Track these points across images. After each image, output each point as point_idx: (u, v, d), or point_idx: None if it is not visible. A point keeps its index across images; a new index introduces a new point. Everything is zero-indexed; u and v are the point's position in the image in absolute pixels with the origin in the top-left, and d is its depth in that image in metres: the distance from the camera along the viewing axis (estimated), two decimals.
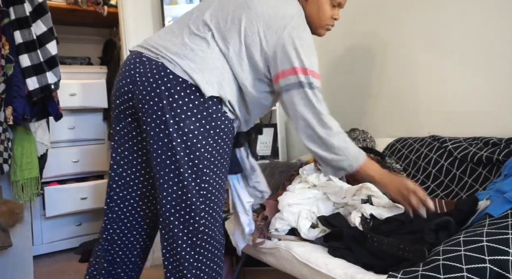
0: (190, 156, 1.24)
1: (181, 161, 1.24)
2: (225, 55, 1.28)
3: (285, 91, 1.30)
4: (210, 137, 1.26)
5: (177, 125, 1.22)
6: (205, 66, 1.25)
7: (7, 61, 2.05)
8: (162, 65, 1.24)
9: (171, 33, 1.33)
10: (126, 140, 1.38)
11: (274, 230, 1.64)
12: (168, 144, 1.23)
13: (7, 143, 2.08)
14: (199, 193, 1.26)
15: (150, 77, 1.24)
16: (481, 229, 1.11)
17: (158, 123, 1.23)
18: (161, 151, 1.24)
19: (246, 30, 1.27)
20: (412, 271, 1.08)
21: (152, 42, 1.31)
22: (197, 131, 1.24)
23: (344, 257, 1.35)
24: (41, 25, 2.14)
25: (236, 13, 1.29)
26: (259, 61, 1.29)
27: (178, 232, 1.27)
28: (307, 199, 1.65)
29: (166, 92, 1.22)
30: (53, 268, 2.65)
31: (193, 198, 1.26)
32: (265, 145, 2.74)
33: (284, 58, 1.27)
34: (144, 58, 1.27)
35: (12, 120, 2.04)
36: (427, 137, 1.96)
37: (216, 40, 1.28)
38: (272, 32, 1.27)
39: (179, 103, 1.22)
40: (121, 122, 1.36)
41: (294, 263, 1.45)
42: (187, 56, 1.25)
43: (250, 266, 2.33)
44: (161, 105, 1.22)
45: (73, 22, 3.00)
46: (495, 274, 0.98)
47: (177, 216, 1.26)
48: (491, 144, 1.65)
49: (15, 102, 2.04)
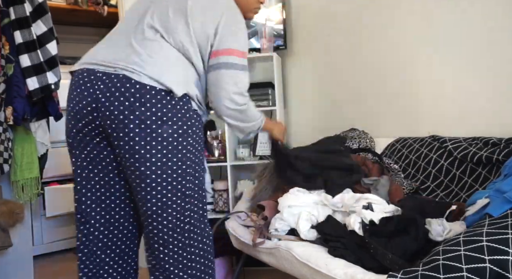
0: (173, 160, 1.23)
1: (164, 167, 1.22)
2: (180, 50, 1.29)
3: (215, 69, 1.33)
4: (190, 137, 1.27)
5: (155, 133, 1.21)
6: (167, 67, 1.25)
7: (7, 61, 2.05)
8: (124, 77, 1.21)
9: (115, 46, 1.30)
10: (97, 162, 1.33)
11: (274, 230, 1.64)
12: (151, 151, 1.21)
13: (7, 143, 2.08)
14: (186, 193, 1.26)
15: (115, 92, 1.20)
16: (481, 229, 1.11)
17: (134, 135, 1.20)
18: (144, 160, 1.21)
19: (191, 20, 1.29)
20: (412, 271, 1.08)
21: (100, 57, 1.28)
22: (176, 134, 1.24)
23: (344, 257, 1.35)
24: (41, 25, 2.15)
25: (175, 7, 1.31)
26: (205, 47, 1.32)
27: (165, 235, 1.26)
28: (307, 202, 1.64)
29: (136, 103, 1.19)
30: (53, 268, 2.65)
31: (177, 201, 1.25)
32: (265, 145, 2.74)
33: (223, 39, 1.31)
34: (100, 74, 1.23)
35: (12, 120, 2.04)
36: (427, 137, 1.96)
37: (167, 39, 1.28)
38: (211, 18, 1.31)
39: (152, 111, 1.20)
40: (88, 145, 1.31)
41: (294, 263, 1.45)
42: (147, 62, 1.23)
43: (250, 266, 2.33)
44: (132, 117, 1.19)
45: (73, 22, 3.00)
46: (495, 274, 0.98)
47: (165, 221, 1.25)
48: (491, 144, 1.65)
49: (15, 102, 2.04)
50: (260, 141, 2.78)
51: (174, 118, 1.23)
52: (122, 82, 1.21)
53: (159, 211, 1.25)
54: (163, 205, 1.25)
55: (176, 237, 1.27)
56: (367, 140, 2.19)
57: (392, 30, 2.25)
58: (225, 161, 2.62)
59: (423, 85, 2.11)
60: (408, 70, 2.18)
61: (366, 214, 1.44)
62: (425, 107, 2.10)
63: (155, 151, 1.21)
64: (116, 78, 1.22)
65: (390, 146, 2.13)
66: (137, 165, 1.22)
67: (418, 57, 2.12)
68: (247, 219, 1.90)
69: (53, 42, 2.18)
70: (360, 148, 2.12)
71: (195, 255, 1.30)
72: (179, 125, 1.24)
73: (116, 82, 1.21)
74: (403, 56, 2.20)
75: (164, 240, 1.26)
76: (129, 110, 1.20)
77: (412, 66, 2.16)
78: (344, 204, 1.56)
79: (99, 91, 1.22)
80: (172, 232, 1.26)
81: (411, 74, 2.17)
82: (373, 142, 2.21)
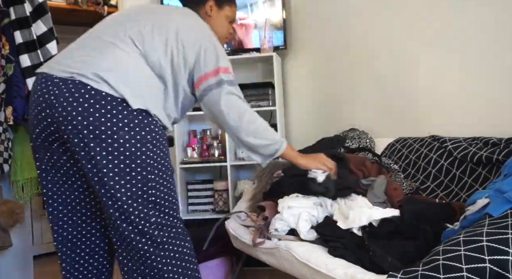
0: (132, 165, 1.22)
1: (122, 173, 1.21)
2: (154, 68, 1.32)
3: (208, 91, 1.37)
4: (148, 143, 1.25)
5: (111, 139, 1.20)
6: (131, 79, 1.26)
7: (7, 61, 2.05)
8: (81, 83, 1.21)
9: (83, 49, 1.30)
10: (59, 167, 1.33)
11: (274, 230, 1.64)
12: (108, 156, 1.20)
13: (7, 143, 2.08)
14: (147, 199, 1.24)
15: (68, 97, 1.20)
16: (481, 228, 1.11)
17: (89, 140, 1.19)
18: (101, 166, 1.20)
19: (169, 40, 1.33)
20: (412, 271, 1.08)
21: (63, 61, 1.28)
22: (133, 139, 1.22)
23: (344, 257, 1.35)
24: (41, 25, 2.15)
25: (158, 24, 1.34)
26: (183, 66, 1.36)
27: (133, 244, 1.24)
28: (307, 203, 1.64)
29: (90, 109, 1.19)
30: (53, 268, 2.64)
31: (140, 206, 1.23)
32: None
33: (207, 61, 1.37)
34: (57, 79, 1.22)
35: (12, 120, 2.04)
36: (427, 137, 1.96)
37: (141, 51, 1.30)
38: (192, 40, 1.36)
39: (107, 117, 1.20)
40: (48, 151, 1.31)
41: (294, 263, 1.45)
42: (112, 70, 1.24)
43: (250, 266, 2.33)
44: (86, 123, 1.19)
45: (73, 22, 3.00)
46: (495, 274, 0.98)
47: (129, 228, 1.22)
48: (491, 144, 1.65)
49: (15, 102, 2.04)
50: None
51: (131, 124, 1.22)
52: (78, 88, 1.20)
53: (122, 216, 1.23)
54: (124, 211, 1.22)
55: (145, 242, 1.23)
56: (367, 140, 2.19)
57: (393, 30, 2.25)
58: (225, 161, 2.63)
59: (423, 86, 2.11)
60: (408, 70, 2.18)
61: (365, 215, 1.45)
62: (425, 107, 2.10)
63: (111, 157, 1.20)
64: (72, 84, 1.21)
65: (390, 146, 2.13)
66: (94, 171, 1.21)
67: (418, 57, 2.12)
68: (247, 219, 1.90)
69: (53, 42, 2.19)
70: (360, 147, 2.12)
71: (167, 260, 1.26)
72: (136, 131, 1.23)
73: (71, 88, 1.20)
74: (403, 56, 2.20)
75: (133, 247, 1.24)
76: (82, 116, 1.19)
77: (412, 66, 2.16)
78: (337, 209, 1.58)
79: (54, 97, 1.21)
80: (140, 238, 1.23)
81: (411, 74, 2.17)
82: (373, 142, 2.21)
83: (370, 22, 2.38)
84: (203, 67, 1.36)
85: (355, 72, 2.49)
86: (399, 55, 2.23)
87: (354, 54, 2.49)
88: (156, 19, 1.37)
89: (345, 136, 2.26)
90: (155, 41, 1.31)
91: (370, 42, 2.38)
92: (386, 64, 2.30)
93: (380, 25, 2.32)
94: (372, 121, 2.38)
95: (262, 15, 2.71)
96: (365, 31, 2.41)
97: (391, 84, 2.28)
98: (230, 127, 1.43)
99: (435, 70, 2.04)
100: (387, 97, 2.31)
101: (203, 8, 1.55)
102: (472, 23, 1.87)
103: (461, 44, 1.92)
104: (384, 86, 2.32)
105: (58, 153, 1.32)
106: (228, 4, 1.59)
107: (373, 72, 2.38)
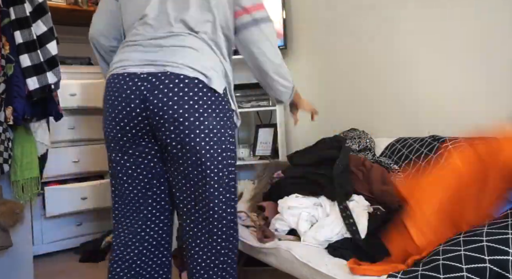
0: (219, 150, 1.29)
1: (215, 155, 1.29)
2: (208, 40, 1.33)
3: (252, 25, 1.38)
4: (229, 129, 1.32)
5: (203, 125, 1.25)
6: (204, 60, 1.29)
7: (7, 61, 2.05)
8: (172, 73, 1.24)
9: (145, 47, 1.31)
10: (140, 161, 1.36)
11: (274, 230, 1.64)
12: (206, 146, 1.26)
13: (7, 143, 2.08)
14: (230, 183, 1.34)
15: (163, 89, 1.23)
16: (481, 228, 1.11)
17: (184, 128, 1.24)
18: (199, 148, 1.26)
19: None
20: (412, 271, 1.08)
21: (137, 58, 1.30)
22: (219, 125, 1.28)
23: (344, 257, 1.35)
24: (41, 25, 2.14)
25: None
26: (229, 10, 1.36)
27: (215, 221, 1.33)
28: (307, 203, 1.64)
29: (185, 97, 1.24)
30: (53, 268, 2.64)
31: (228, 186, 1.34)
32: (265, 145, 2.75)
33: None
34: (144, 75, 1.25)
35: (12, 120, 2.04)
36: (427, 137, 1.96)
37: (198, 33, 1.31)
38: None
39: (199, 103, 1.25)
40: (132, 147, 1.34)
41: (294, 263, 1.45)
42: (186, 56, 1.26)
43: (250, 266, 2.33)
44: (182, 111, 1.23)
45: (73, 22, 3.00)
46: (495, 274, 0.98)
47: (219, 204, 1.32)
48: None
49: (15, 102, 2.04)
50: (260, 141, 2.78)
51: (217, 110, 1.28)
52: (170, 79, 1.23)
53: (215, 193, 1.30)
54: (215, 190, 1.30)
55: (225, 223, 1.32)
56: (367, 140, 2.19)
57: (392, 30, 2.25)
58: None
59: (423, 85, 2.11)
60: (408, 70, 2.18)
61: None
62: (425, 107, 2.10)
63: (206, 141, 1.27)
64: (163, 75, 1.23)
65: (390, 146, 2.13)
66: (189, 155, 1.26)
67: (418, 57, 2.12)
68: (247, 219, 1.90)
69: (53, 42, 2.18)
70: (360, 149, 2.12)
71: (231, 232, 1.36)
72: (221, 117, 1.29)
73: (164, 79, 1.23)
74: (404, 56, 2.20)
75: (213, 226, 1.32)
76: (178, 104, 1.23)
77: (412, 66, 2.16)
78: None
79: (146, 91, 1.24)
80: (222, 218, 1.32)
81: (411, 74, 2.17)
82: (373, 142, 2.21)
83: (370, 22, 2.37)
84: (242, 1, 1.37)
85: (355, 72, 2.49)
86: (399, 55, 2.23)
87: (354, 54, 2.49)
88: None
89: (345, 136, 2.26)
90: (204, 14, 1.32)
91: (370, 42, 2.38)
92: (386, 64, 2.30)
93: (380, 25, 2.31)
94: (372, 121, 2.38)
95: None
96: (365, 31, 2.41)
97: (391, 84, 2.28)
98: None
99: (435, 70, 2.04)
100: (387, 97, 2.31)
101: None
102: (473, 24, 1.87)
103: (461, 44, 1.92)
104: (384, 86, 2.32)
105: (148, 148, 1.35)
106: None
107: (373, 72, 2.38)
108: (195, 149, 1.26)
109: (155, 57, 1.27)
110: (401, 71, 2.22)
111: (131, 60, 1.30)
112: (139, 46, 1.31)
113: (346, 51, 2.54)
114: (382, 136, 2.26)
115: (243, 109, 2.63)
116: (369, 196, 1.66)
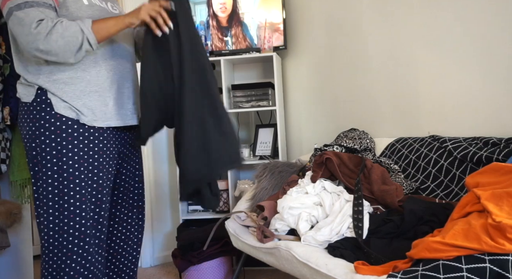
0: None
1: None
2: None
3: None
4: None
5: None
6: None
7: (3, 61, 2.04)
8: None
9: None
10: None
11: (273, 230, 1.63)
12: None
13: (5, 143, 2.08)
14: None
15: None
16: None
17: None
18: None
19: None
20: (412, 271, 1.07)
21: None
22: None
23: (344, 257, 1.35)
24: None
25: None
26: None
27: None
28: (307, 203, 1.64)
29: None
30: None
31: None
32: (265, 145, 2.74)
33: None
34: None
35: (9, 120, 2.03)
36: (427, 137, 1.96)
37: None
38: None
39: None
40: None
41: (294, 263, 1.45)
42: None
43: (250, 266, 2.33)
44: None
45: None
46: (495, 274, 0.97)
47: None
48: (491, 144, 1.65)
49: (12, 103, 2.04)
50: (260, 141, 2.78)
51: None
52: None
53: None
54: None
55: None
56: (367, 140, 2.18)
57: (392, 30, 2.24)
58: None
59: (423, 85, 2.11)
60: (408, 70, 2.18)
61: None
62: (425, 107, 2.10)
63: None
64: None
65: (390, 146, 2.13)
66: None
67: (418, 57, 2.12)
68: (247, 219, 1.90)
69: None
70: (360, 149, 2.12)
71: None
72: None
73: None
74: (403, 56, 2.20)
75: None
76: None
77: (412, 66, 2.15)
78: (332, 212, 1.58)
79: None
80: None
81: (411, 74, 2.17)
82: (373, 142, 2.21)
83: (370, 22, 2.37)
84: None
85: (355, 72, 2.48)
86: (399, 55, 2.22)
87: (354, 54, 2.48)
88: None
89: (345, 136, 2.26)
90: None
91: (370, 42, 2.38)
92: (386, 64, 2.29)
93: (380, 25, 2.31)
94: (372, 121, 2.38)
95: (262, 15, 2.71)
96: (365, 31, 2.40)
97: (391, 84, 2.27)
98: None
99: (435, 70, 2.04)
100: (387, 97, 2.30)
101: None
102: (473, 23, 1.87)
103: (461, 44, 1.92)
104: (384, 86, 2.31)
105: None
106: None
107: (373, 72, 2.38)
108: None
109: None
110: (401, 71, 2.22)
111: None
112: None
113: (346, 51, 2.54)
114: (382, 136, 2.25)
115: (243, 109, 2.63)
116: (369, 196, 1.66)
